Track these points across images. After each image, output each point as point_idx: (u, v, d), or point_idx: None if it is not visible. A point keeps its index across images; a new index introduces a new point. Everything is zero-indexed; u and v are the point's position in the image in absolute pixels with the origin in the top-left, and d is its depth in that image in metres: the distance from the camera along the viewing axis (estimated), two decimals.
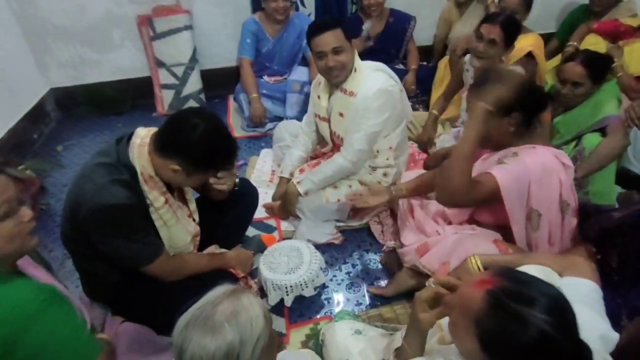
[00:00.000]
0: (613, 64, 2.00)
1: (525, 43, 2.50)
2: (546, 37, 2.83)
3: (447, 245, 1.48)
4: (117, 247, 1.29)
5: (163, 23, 2.96)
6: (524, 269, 0.97)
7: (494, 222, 1.54)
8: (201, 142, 1.24)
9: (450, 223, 1.66)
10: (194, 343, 0.81)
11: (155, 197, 1.32)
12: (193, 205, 1.54)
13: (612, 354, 0.89)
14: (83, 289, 1.53)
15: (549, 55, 2.78)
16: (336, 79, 1.86)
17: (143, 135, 1.32)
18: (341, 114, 1.94)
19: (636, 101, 1.94)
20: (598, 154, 1.82)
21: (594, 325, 0.88)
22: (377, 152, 2.01)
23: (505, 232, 1.50)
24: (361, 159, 1.95)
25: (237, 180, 1.61)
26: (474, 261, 1.16)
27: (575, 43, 2.63)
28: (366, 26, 2.98)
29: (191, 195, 1.55)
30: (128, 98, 3.21)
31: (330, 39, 1.76)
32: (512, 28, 2.05)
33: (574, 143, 1.96)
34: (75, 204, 1.26)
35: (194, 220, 1.53)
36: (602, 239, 1.41)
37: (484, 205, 1.50)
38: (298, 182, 1.99)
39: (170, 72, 3.07)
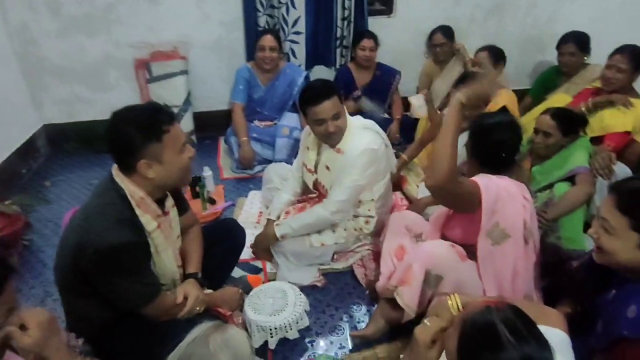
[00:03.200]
0: (586, 121, 2.16)
1: (500, 98, 2.69)
2: (520, 94, 3.05)
3: (409, 256, 1.63)
4: (119, 288, 1.30)
5: (160, 67, 3.08)
6: None
7: (462, 239, 1.65)
8: (123, 127, 1.26)
9: None
10: None
11: (148, 220, 1.34)
12: (178, 231, 1.55)
13: None
14: (67, 326, 1.51)
15: (523, 111, 2.98)
16: (333, 141, 1.98)
17: (116, 165, 1.36)
18: (328, 167, 2.05)
19: (598, 154, 2.12)
20: (566, 200, 1.95)
21: None
22: (360, 202, 2.09)
23: (469, 250, 1.60)
24: (342, 210, 2.02)
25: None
26: (454, 299, 1.21)
27: None
28: (365, 102, 3.25)
29: (177, 222, 1.56)
30: None
31: (329, 107, 1.87)
32: None
33: (547, 191, 2.09)
34: (80, 243, 1.26)
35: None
36: (571, 285, 1.49)
37: (461, 211, 1.61)
38: (277, 225, 2.05)
39: None
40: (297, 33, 3.27)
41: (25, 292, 2.00)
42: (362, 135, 1.97)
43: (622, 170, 2.18)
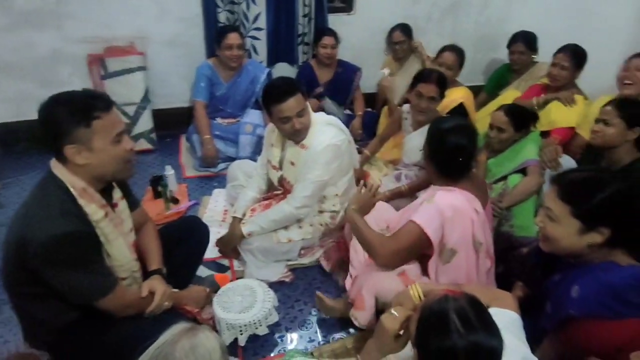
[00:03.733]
0: (536, 117, 2.32)
1: (457, 95, 2.81)
2: (475, 90, 3.18)
3: (360, 280, 1.67)
4: (71, 280, 1.25)
5: (115, 63, 2.98)
6: None
7: None
8: (53, 109, 1.23)
9: None
10: None
11: (94, 210, 1.29)
12: (130, 224, 1.51)
13: None
14: (24, 335, 1.45)
15: (478, 106, 3.12)
16: (298, 137, 2.00)
17: (54, 159, 1.31)
18: (292, 163, 2.07)
19: (546, 147, 2.29)
20: (518, 190, 2.09)
21: (517, 349, 1.03)
22: (324, 197, 2.13)
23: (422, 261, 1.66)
24: (306, 205, 2.05)
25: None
26: (415, 289, 1.27)
27: None
28: (328, 103, 3.29)
29: (128, 215, 1.51)
30: None
31: (294, 104, 1.88)
32: (444, 82, 2.33)
33: (502, 182, 2.21)
34: (22, 241, 1.21)
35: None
36: (522, 271, 1.60)
37: (422, 254, 1.62)
38: (243, 223, 2.06)
39: (121, 110, 3.05)
40: (258, 29, 3.26)
41: None
42: (326, 131, 2.01)
43: (567, 162, 2.35)
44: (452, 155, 1.59)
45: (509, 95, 2.96)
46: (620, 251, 1.21)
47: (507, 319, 1.11)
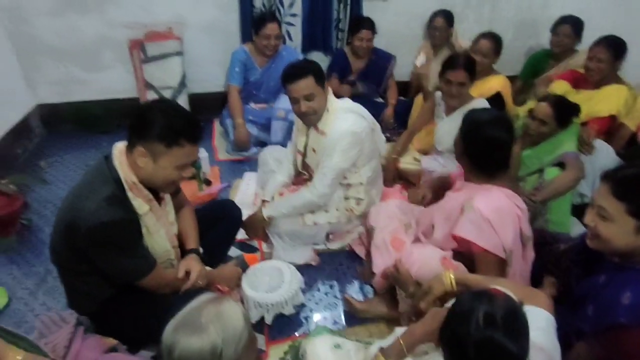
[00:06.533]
0: (579, 111, 2.19)
1: (494, 84, 2.74)
2: (512, 79, 3.08)
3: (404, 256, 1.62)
4: (116, 262, 1.35)
5: (155, 48, 3.06)
6: None
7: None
8: (156, 112, 1.29)
9: None
10: (182, 343, 0.90)
11: (140, 204, 1.37)
12: (172, 216, 1.59)
13: None
14: (69, 303, 1.55)
15: (515, 94, 3.02)
16: (308, 122, 2.01)
17: (120, 146, 1.39)
18: (314, 150, 2.08)
19: (584, 131, 2.21)
20: (555, 183, 2.01)
21: (550, 354, 1.02)
22: (349, 185, 2.13)
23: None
24: (327, 193, 2.05)
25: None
26: (448, 275, 1.27)
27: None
28: (360, 85, 3.24)
29: (171, 207, 1.59)
30: (114, 117, 3.25)
31: (302, 86, 1.88)
32: (472, 66, 2.27)
33: (536, 175, 2.15)
34: (72, 224, 1.29)
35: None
36: (556, 267, 1.56)
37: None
38: (264, 207, 2.10)
39: (158, 94, 3.15)
40: (294, 15, 3.27)
41: (26, 270, 2.03)
42: (345, 118, 1.98)
43: (602, 148, 2.26)
44: (489, 149, 1.53)
45: (558, 89, 2.81)
46: None
47: (539, 318, 1.09)
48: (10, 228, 2.19)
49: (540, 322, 1.06)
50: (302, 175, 2.31)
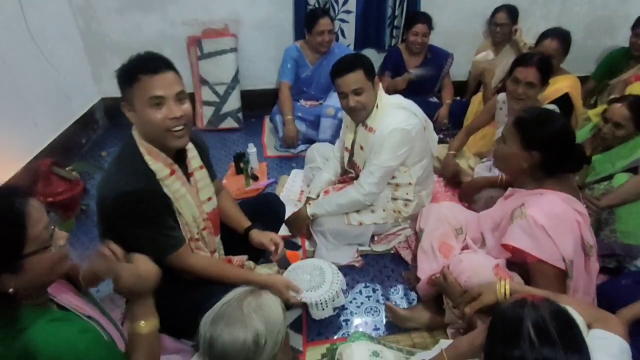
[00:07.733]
0: None
1: (563, 84, 2.53)
2: (582, 80, 2.84)
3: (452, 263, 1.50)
4: (139, 235, 1.32)
5: (211, 44, 3.15)
6: None
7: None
8: (125, 63, 1.29)
9: None
10: (225, 334, 0.88)
11: (160, 168, 1.33)
12: (209, 193, 1.55)
13: None
14: (115, 287, 1.60)
15: (585, 95, 2.77)
16: (357, 118, 1.95)
17: None
18: (362, 147, 2.02)
19: None
20: (624, 188, 1.82)
21: None
22: (398, 185, 2.04)
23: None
24: (374, 192, 1.98)
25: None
26: (503, 285, 1.17)
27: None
28: (413, 72, 3.10)
29: (206, 184, 1.55)
30: None
31: (351, 81, 1.83)
32: (546, 67, 2.08)
33: (606, 182, 1.95)
34: (100, 198, 1.32)
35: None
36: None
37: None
38: (309, 204, 2.05)
39: (212, 90, 3.24)
40: (347, 12, 3.22)
41: (81, 253, 2.14)
42: (395, 115, 1.90)
43: None
44: (557, 139, 1.40)
45: (638, 88, 2.55)
46: None
47: (612, 344, 0.95)
48: (71, 212, 2.33)
49: (613, 349, 0.93)
50: (348, 174, 2.25)
